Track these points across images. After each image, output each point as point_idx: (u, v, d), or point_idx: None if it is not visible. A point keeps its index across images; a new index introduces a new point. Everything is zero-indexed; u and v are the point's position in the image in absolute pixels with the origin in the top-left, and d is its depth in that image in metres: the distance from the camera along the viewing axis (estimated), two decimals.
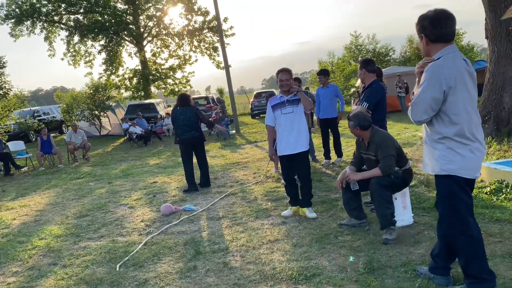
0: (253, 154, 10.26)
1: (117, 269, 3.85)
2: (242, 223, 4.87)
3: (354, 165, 4.23)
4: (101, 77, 26.85)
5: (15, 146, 12.41)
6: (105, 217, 5.75)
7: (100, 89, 19.23)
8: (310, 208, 4.87)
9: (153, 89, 29.48)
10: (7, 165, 10.72)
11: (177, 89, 28.83)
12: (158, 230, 4.92)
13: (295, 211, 4.98)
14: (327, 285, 3.14)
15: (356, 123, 3.98)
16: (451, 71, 2.51)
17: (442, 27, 2.55)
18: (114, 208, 6.22)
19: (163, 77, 28.93)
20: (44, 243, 4.83)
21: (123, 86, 28.09)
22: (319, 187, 6.10)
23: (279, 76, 4.86)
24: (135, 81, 28.45)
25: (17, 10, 24.69)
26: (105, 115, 19.20)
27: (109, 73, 27.72)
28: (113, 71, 27.98)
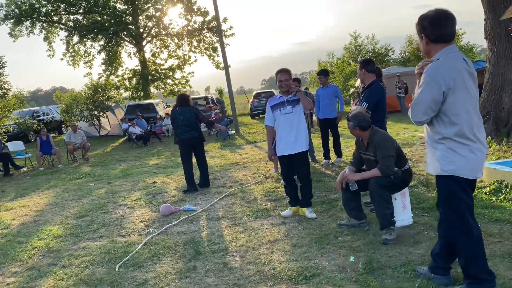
0: (252, 154, 10.25)
1: (117, 269, 3.85)
2: (241, 223, 4.87)
3: (353, 165, 4.23)
4: (100, 78, 26.88)
5: (15, 146, 12.41)
6: (105, 217, 5.74)
7: (99, 90, 19.20)
8: (310, 208, 4.87)
9: (153, 90, 29.51)
10: (7, 166, 10.71)
11: (176, 89, 28.88)
12: (157, 230, 4.92)
13: (295, 211, 4.98)
14: (326, 285, 3.14)
15: (355, 124, 3.98)
16: (450, 72, 2.51)
17: (442, 27, 2.55)
18: (113, 208, 6.22)
19: (163, 78, 28.96)
20: (43, 243, 4.83)
21: (123, 86, 28.12)
22: (319, 187, 6.10)
23: (279, 76, 4.87)
24: (134, 81, 28.47)
25: (16, 10, 24.69)
26: (105, 115, 19.19)
27: (108, 73, 27.74)
28: (113, 71, 28.00)
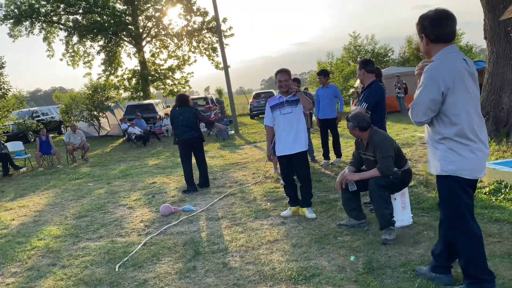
0: (252, 154, 10.25)
1: (116, 269, 3.85)
2: (241, 223, 4.87)
3: (353, 166, 4.24)
4: (100, 78, 26.87)
5: (14, 146, 12.40)
6: (104, 217, 5.74)
7: (99, 90, 19.20)
8: (310, 208, 4.87)
9: (152, 90, 29.51)
10: (6, 166, 10.70)
11: (176, 89, 28.87)
12: (157, 230, 4.91)
13: (294, 211, 4.98)
14: (326, 285, 3.14)
15: (355, 124, 3.98)
16: (449, 72, 2.51)
17: (442, 27, 2.54)
18: (113, 208, 6.21)
19: (162, 78, 28.96)
20: (43, 243, 4.82)
21: (122, 86, 28.12)
22: (318, 187, 6.10)
23: (278, 77, 4.87)
24: (134, 81, 28.47)
25: (15, 10, 24.69)
26: (104, 115, 19.18)
27: (108, 73, 27.73)
28: (112, 71, 28.00)
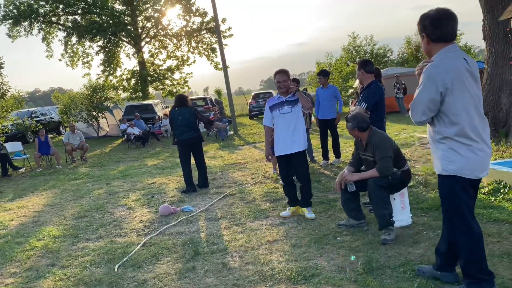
0: (251, 155, 10.25)
1: (116, 270, 3.85)
2: (240, 223, 4.87)
3: (352, 166, 4.24)
4: (99, 78, 26.81)
5: (13, 147, 12.38)
6: (103, 218, 5.73)
7: (98, 90, 19.18)
8: (309, 208, 4.87)
9: (151, 90, 29.48)
10: (5, 166, 10.68)
11: (175, 90, 28.84)
12: (156, 230, 4.91)
13: (294, 211, 4.98)
14: (326, 285, 3.14)
15: (354, 125, 3.98)
16: (448, 72, 2.50)
17: (443, 27, 2.54)
18: (112, 209, 6.21)
19: (161, 78, 28.94)
20: (42, 244, 4.82)
21: (121, 87, 28.07)
22: (318, 187, 6.10)
23: (277, 77, 4.88)
24: (133, 82, 28.43)
25: (14, 11, 24.66)
26: (103, 116, 19.17)
27: (107, 74, 27.69)
28: (111, 72, 27.97)
